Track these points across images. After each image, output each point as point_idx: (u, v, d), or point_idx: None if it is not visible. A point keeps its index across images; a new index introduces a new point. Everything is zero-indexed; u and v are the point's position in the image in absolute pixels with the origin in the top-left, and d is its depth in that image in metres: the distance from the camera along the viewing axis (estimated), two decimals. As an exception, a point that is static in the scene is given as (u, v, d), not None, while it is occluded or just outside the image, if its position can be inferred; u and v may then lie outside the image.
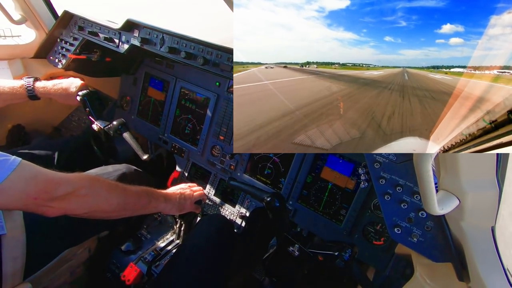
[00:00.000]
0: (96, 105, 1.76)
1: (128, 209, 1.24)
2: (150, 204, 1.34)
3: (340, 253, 1.20)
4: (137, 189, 1.28)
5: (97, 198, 1.10)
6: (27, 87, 1.68)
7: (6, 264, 1.13)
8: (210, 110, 1.94)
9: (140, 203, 1.29)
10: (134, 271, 1.54)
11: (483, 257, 0.87)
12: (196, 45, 1.69)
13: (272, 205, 1.33)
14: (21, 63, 2.04)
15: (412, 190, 1.13)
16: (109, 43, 1.91)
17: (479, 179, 0.83)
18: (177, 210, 1.51)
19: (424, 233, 1.09)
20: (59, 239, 1.39)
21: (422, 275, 1.10)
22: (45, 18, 2.08)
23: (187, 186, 1.63)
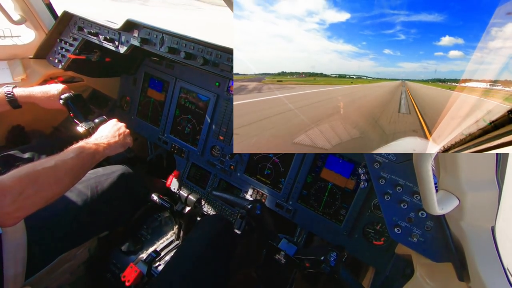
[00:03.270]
0: (79, 107, 1.74)
1: (80, 176, 1.21)
2: (95, 158, 1.30)
3: (325, 258, 1.15)
4: (75, 154, 1.19)
5: (47, 188, 1.04)
6: (7, 95, 1.61)
7: (8, 268, 1.12)
8: (210, 110, 1.94)
9: (87, 165, 1.25)
10: (134, 271, 1.54)
11: (483, 257, 0.87)
12: (196, 45, 1.69)
13: (253, 213, 1.33)
14: (20, 63, 2.04)
15: (412, 190, 1.13)
16: (109, 43, 1.91)
17: (479, 179, 0.83)
18: (122, 147, 1.50)
19: (424, 233, 1.09)
20: (60, 241, 1.38)
21: (422, 275, 1.10)
22: (45, 18, 2.08)
23: (115, 121, 1.61)
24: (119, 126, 1.58)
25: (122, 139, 1.51)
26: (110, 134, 1.49)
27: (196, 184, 2.09)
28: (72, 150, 1.20)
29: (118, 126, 1.57)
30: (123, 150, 1.53)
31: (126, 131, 1.58)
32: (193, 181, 2.10)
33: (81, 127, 1.70)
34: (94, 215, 1.51)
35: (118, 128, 1.55)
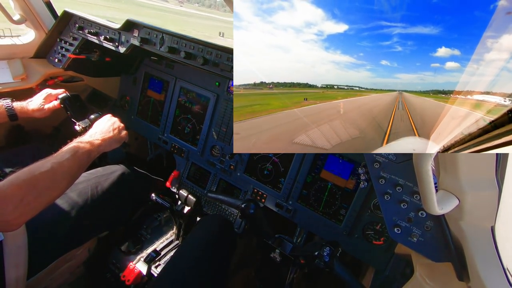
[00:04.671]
0: (76, 107, 1.75)
1: (76, 176, 1.21)
2: (91, 156, 1.29)
3: (319, 253, 1.16)
4: (71, 155, 1.18)
5: (46, 192, 1.05)
6: (7, 107, 1.60)
7: (9, 271, 1.12)
8: (210, 110, 1.94)
9: (83, 164, 1.24)
10: (134, 271, 1.54)
11: (483, 257, 0.86)
12: (196, 45, 1.69)
13: (247, 212, 1.34)
14: (20, 63, 2.04)
15: (412, 190, 1.13)
16: (109, 43, 1.91)
17: (478, 179, 0.83)
18: (117, 142, 1.48)
19: (424, 233, 1.09)
20: (60, 242, 1.38)
21: (422, 275, 1.10)
22: (45, 18, 2.08)
23: (109, 116, 1.59)
24: (113, 120, 1.54)
25: (117, 133, 1.48)
26: (105, 130, 1.46)
27: (196, 184, 2.09)
28: (67, 151, 1.18)
29: (112, 121, 1.54)
30: (119, 145, 1.51)
31: (121, 125, 1.54)
32: (193, 181, 2.10)
33: (78, 126, 1.71)
34: (94, 215, 1.51)
35: (112, 123, 1.52)
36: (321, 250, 1.16)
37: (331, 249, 1.17)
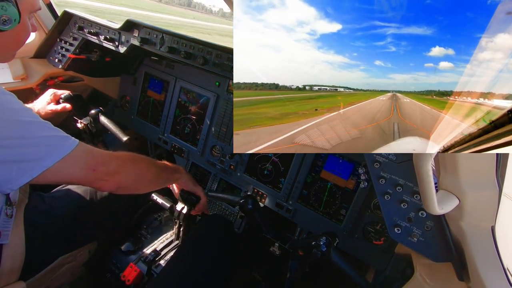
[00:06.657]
0: (79, 105, 1.79)
1: (160, 178, 1.40)
2: (173, 176, 1.50)
3: (316, 243, 1.17)
4: (162, 162, 1.45)
5: (141, 170, 1.26)
6: None
7: (4, 263, 1.13)
8: (210, 110, 1.94)
9: (167, 173, 1.46)
10: (134, 271, 1.54)
11: (483, 257, 0.87)
12: (196, 45, 1.69)
13: (245, 207, 1.36)
14: (20, 63, 2.04)
15: (412, 190, 1.13)
16: (109, 43, 1.91)
17: (478, 179, 0.83)
18: (191, 183, 1.61)
19: (424, 233, 1.09)
20: (60, 244, 1.38)
21: (422, 275, 1.10)
22: (45, 18, 2.08)
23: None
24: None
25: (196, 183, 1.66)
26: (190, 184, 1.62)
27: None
28: (162, 162, 1.45)
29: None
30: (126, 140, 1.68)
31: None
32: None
33: (80, 123, 1.75)
34: (95, 216, 1.51)
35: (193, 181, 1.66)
36: (318, 240, 1.18)
37: (328, 238, 1.19)
